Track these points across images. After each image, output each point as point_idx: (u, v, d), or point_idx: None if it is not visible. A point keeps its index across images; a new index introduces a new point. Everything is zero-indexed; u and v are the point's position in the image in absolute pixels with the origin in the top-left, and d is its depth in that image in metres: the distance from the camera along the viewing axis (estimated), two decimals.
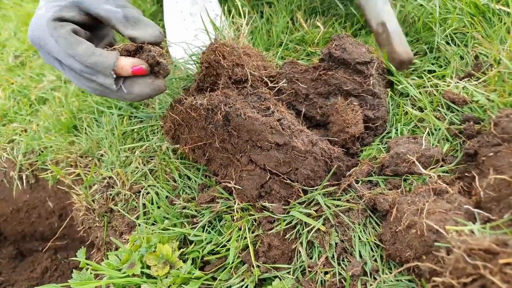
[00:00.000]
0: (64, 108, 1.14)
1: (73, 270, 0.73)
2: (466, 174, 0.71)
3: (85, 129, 1.08)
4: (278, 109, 0.81)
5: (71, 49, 0.70)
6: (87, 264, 0.75)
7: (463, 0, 0.92)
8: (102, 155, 1.03)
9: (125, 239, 0.89)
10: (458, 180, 0.70)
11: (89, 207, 0.94)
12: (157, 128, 1.02)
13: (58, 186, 1.03)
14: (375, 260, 0.68)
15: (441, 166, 0.73)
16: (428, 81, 0.86)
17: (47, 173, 1.04)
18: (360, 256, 0.69)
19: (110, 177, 0.97)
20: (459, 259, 0.51)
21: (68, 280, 0.71)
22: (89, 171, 1.00)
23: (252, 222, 0.77)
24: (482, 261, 0.50)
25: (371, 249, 0.69)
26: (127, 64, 0.73)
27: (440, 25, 0.93)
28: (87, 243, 1.16)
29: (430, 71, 0.90)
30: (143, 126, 1.05)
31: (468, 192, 0.69)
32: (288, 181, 0.77)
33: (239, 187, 0.79)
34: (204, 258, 0.76)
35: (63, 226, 1.04)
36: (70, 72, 0.75)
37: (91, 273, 0.72)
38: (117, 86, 0.73)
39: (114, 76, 0.72)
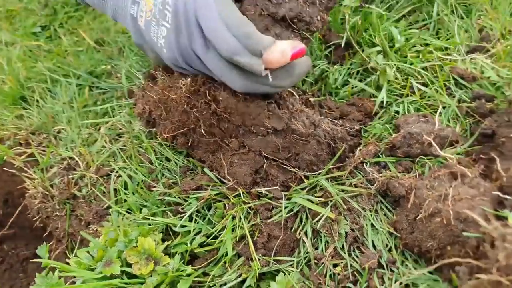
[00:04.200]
0: (6, 75, 0.96)
1: (37, 269, 0.60)
2: (482, 156, 0.66)
3: (37, 101, 0.91)
4: None
5: (229, 12, 0.55)
6: (51, 264, 0.62)
7: None
8: (59, 132, 0.87)
9: (93, 229, 0.76)
10: (475, 162, 0.65)
11: (47, 193, 0.79)
12: (125, 101, 0.88)
13: (4, 168, 0.86)
14: (390, 250, 0.62)
15: (452, 145, 0.68)
16: (434, 49, 0.79)
17: None
18: (374, 246, 0.62)
19: (70, 158, 0.83)
20: (511, 254, 0.45)
21: (30, 286, 0.58)
22: (44, 151, 0.85)
23: (248, 210, 0.68)
24: None
25: (385, 237, 0.63)
26: (288, 47, 0.57)
27: None
28: (40, 231, 1.02)
29: (429, 45, 0.84)
30: (107, 98, 0.90)
31: (485, 175, 0.64)
32: (289, 167, 0.68)
33: (229, 179, 0.69)
34: (195, 251, 0.66)
35: (15, 215, 0.88)
36: (204, 47, 0.59)
37: (59, 277, 0.59)
38: (265, 72, 0.58)
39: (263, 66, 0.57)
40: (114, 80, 0.94)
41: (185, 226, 0.68)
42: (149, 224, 0.69)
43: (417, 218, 0.59)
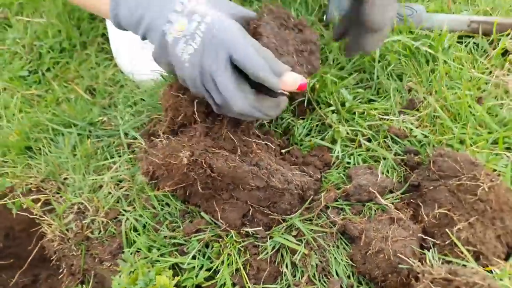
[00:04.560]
0: (7, 123, 1.05)
1: None
2: (412, 200, 0.90)
3: (42, 151, 1.02)
4: (253, 149, 0.90)
5: (254, 42, 0.75)
6: None
7: (399, 44, 1.09)
8: (65, 179, 1.00)
9: (106, 266, 0.92)
10: (407, 206, 0.89)
11: (63, 236, 0.93)
12: (122, 149, 1.03)
13: (20, 212, 0.97)
14: (348, 277, 0.84)
15: (391, 192, 0.91)
16: (375, 110, 1.02)
17: (6, 200, 0.98)
18: (337, 274, 0.84)
19: (80, 203, 0.97)
20: (427, 287, 0.69)
21: None
22: (53, 196, 0.97)
23: (239, 248, 0.87)
24: (442, 287, 0.69)
25: (345, 267, 0.85)
26: (298, 77, 0.76)
27: (379, 61, 1.10)
28: (36, 261, 1.13)
29: (372, 100, 1.07)
30: (106, 147, 1.04)
31: (414, 216, 0.88)
32: (269, 212, 0.88)
33: (222, 222, 0.88)
34: (202, 285, 0.85)
35: (33, 254, 1.00)
36: (223, 71, 0.74)
37: None
38: (279, 89, 0.76)
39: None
40: (109, 128, 1.07)
41: (191, 263, 0.86)
42: (159, 262, 0.86)
43: (367, 253, 0.81)
